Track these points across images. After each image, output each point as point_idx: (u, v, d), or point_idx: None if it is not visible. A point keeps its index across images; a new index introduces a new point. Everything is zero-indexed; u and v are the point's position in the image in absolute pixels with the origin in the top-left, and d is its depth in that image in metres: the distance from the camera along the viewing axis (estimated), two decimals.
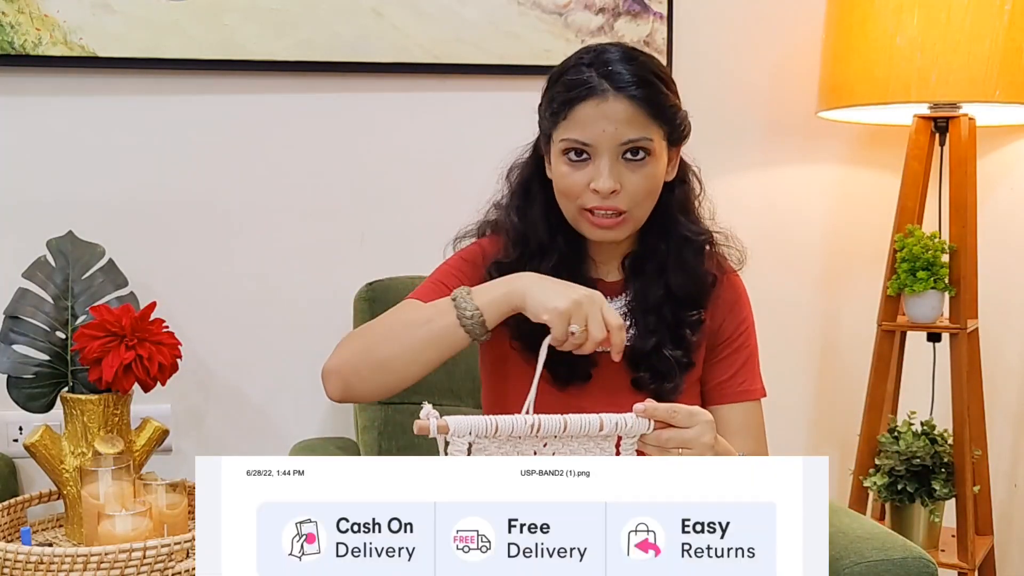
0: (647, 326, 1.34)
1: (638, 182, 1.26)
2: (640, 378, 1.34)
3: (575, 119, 1.25)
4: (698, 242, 1.36)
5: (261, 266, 1.93)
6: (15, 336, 1.65)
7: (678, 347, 1.34)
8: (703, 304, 1.37)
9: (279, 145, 1.92)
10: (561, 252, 1.34)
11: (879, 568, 1.30)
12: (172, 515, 1.54)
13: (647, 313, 1.35)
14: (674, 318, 1.35)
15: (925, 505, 1.92)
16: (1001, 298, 2.15)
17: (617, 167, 1.25)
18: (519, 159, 1.40)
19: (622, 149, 1.25)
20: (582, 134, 1.25)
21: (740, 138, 2.12)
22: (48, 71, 1.82)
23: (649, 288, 1.35)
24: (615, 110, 1.23)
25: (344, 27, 1.89)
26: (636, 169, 1.25)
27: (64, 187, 1.84)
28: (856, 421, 2.03)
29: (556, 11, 1.96)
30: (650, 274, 1.35)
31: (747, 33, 2.08)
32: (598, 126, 1.24)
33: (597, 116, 1.24)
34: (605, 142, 1.24)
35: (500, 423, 1.02)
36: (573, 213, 1.30)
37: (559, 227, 1.34)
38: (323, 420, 1.97)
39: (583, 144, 1.25)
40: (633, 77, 1.24)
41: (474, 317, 1.18)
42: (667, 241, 1.35)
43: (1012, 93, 1.79)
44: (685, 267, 1.34)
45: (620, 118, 1.23)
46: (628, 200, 1.26)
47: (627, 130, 1.24)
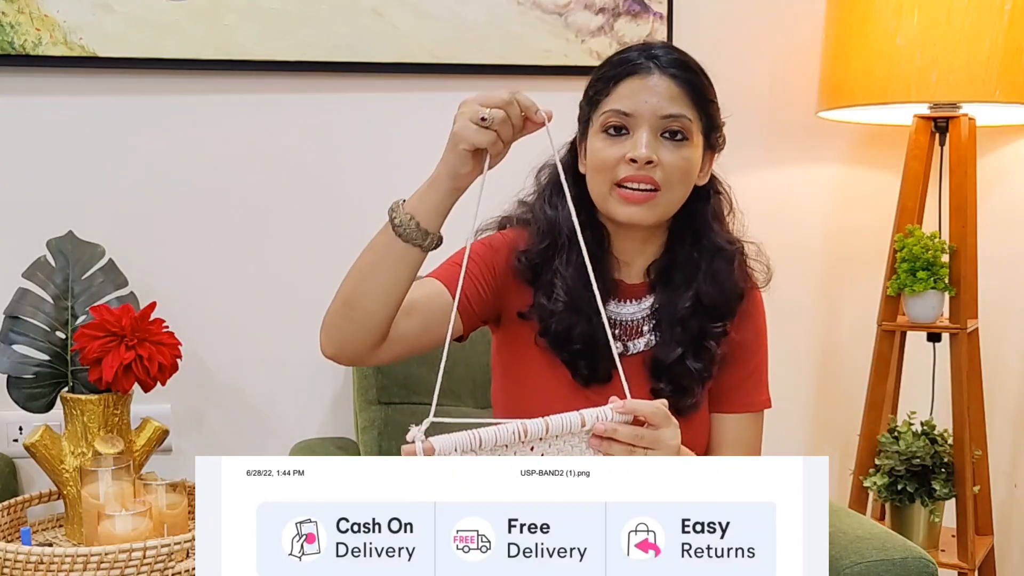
0: (672, 337, 1.33)
1: (674, 160, 1.25)
2: (659, 390, 1.32)
3: (618, 93, 1.26)
4: (730, 252, 1.35)
5: (261, 266, 1.93)
6: (15, 336, 1.65)
7: (699, 360, 1.33)
8: (730, 316, 1.35)
9: (279, 145, 1.92)
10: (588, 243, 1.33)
11: (879, 568, 1.30)
12: (172, 515, 1.54)
13: (673, 324, 1.33)
14: (699, 330, 1.33)
15: (925, 505, 1.92)
16: (1001, 298, 2.15)
17: (655, 141, 1.25)
18: (550, 159, 1.39)
19: (662, 125, 1.25)
20: (624, 104, 1.25)
21: (740, 138, 2.09)
22: (48, 71, 1.82)
23: (678, 298, 1.33)
24: (659, 84, 1.25)
25: (344, 27, 1.89)
26: (673, 149, 1.26)
27: (64, 187, 1.84)
28: (856, 421, 2.03)
29: (556, 11, 1.96)
30: (678, 284, 1.34)
31: (747, 33, 2.08)
32: (640, 97, 1.25)
33: (640, 88, 1.25)
34: (646, 113, 1.24)
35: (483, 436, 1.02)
36: (604, 189, 1.28)
37: (587, 223, 1.32)
38: (323, 420, 1.97)
39: (624, 114, 1.25)
40: (675, 61, 1.27)
41: (404, 221, 1.16)
42: (699, 250, 1.34)
43: (1012, 93, 1.79)
44: (716, 277, 1.33)
45: (663, 92, 1.25)
46: (662, 176, 1.25)
47: (668, 105, 1.25)
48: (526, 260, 1.34)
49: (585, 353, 1.31)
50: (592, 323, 1.30)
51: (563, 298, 1.31)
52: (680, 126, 1.26)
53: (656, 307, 1.35)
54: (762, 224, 2.15)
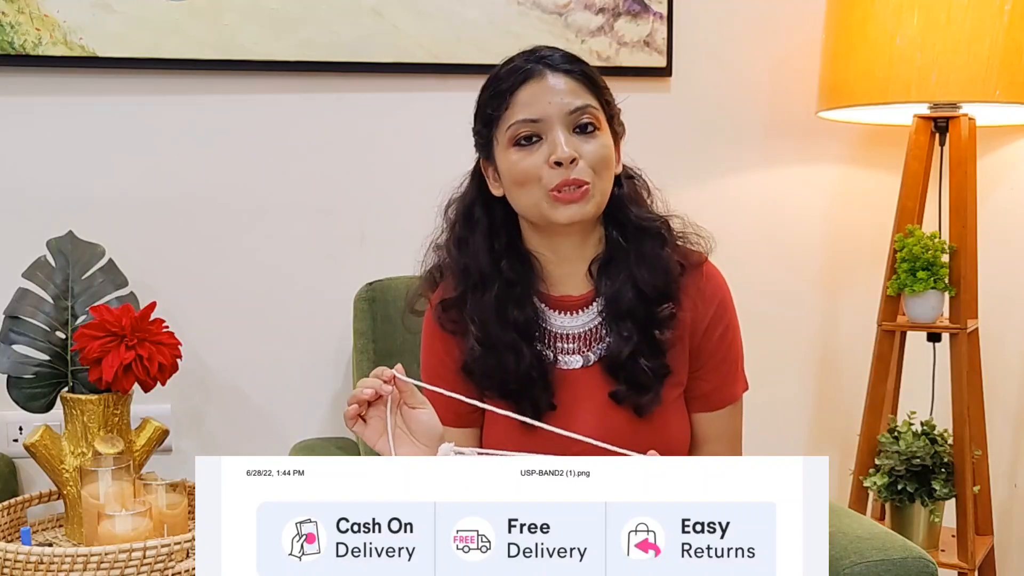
0: (622, 332, 1.31)
1: (593, 151, 1.25)
2: (618, 392, 1.31)
3: (518, 102, 1.25)
4: (653, 228, 1.33)
5: (261, 266, 1.93)
6: (15, 336, 1.65)
7: (654, 354, 1.31)
8: (673, 295, 1.32)
9: (279, 145, 1.92)
10: (505, 278, 1.31)
11: (879, 568, 1.30)
12: (172, 515, 1.54)
13: (621, 318, 1.31)
14: (647, 317, 1.31)
15: (925, 505, 1.92)
16: (1001, 298, 2.15)
17: (571, 138, 1.24)
18: (455, 193, 1.38)
19: (572, 120, 1.24)
20: (529, 112, 1.24)
21: (740, 138, 2.12)
22: (48, 71, 1.82)
23: (620, 291, 1.31)
24: (556, 83, 1.25)
25: (344, 27, 1.89)
26: (589, 140, 1.25)
27: (64, 187, 1.84)
28: (856, 421, 2.03)
29: (556, 11, 1.96)
30: (617, 276, 1.32)
31: (747, 33, 2.08)
32: (543, 99, 1.24)
33: (540, 91, 1.24)
34: (554, 113, 1.23)
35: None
36: (536, 199, 1.26)
37: (504, 252, 1.32)
38: (323, 420, 1.97)
39: (531, 121, 1.24)
40: (564, 57, 1.27)
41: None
42: (624, 236, 1.32)
43: (1012, 93, 1.79)
44: (647, 259, 1.31)
45: (563, 89, 1.24)
46: (587, 170, 1.24)
47: (573, 99, 1.24)
48: (446, 314, 1.34)
49: (521, 389, 1.30)
50: (517, 355, 1.30)
51: (480, 341, 1.31)
52: (590, 116, 1.25)
53: (603, 307, 1.33)
54: (762, 224, 2.17)
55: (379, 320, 1.76)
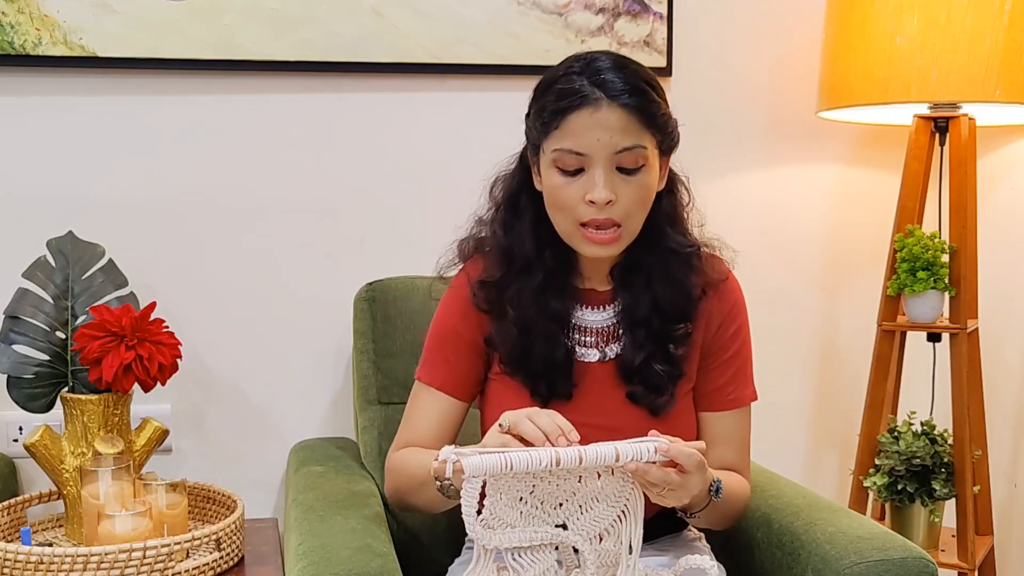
0: (636, 339, 1.33)
1: (632, 193, 1.24)
2: (634, 392, 1.33)
3: (568, 129, 1.22)
4: (685, 255, 1.34)
5: (261, 266, 1.93)
6: (15, 336, 1.65)
7: (667, 361, 1.33)
8: (690, 317, 1.35)
9: (279, 145, 1.92)
10: (548, 268, 1.32)
11: (879, 568, 1.30)
12: (172, 515, 1.54)
13: (636, 326, 1.33)
14: (662, 331, 1.33)
15: (925, 505, 1.92)
16: (1001, 298, 2.15)
17: (612, 178, 1.23)
18: (503, 171, 1.38)
19: (616, 159, 1.23)
20: (576, 143, 1.22)
21: (740, 138, 2.11)
22: (48, 71, 1.82)
23: (637, 300, 1.33)
24: (609, 118, 1.21)
25: (344, 27, 1.89)
26: (630, 180, 1.24)
27: (64, 187, 1.84)
28: (856, 421, 2.03)
29: (556, 11, 1.96)
30: (637, 286, 1.33)
31: (747, 33, 2.08)
32: (592, 135, 1.22)
33: (591, 125, 1.21)
34: (600, 151, 1.22)
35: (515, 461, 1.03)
36: (568, 227, 1.27)
37: (547, 241, 1.32)
38: (323, 420, 1.97)
39: (577, 154, 1.23)
40: (626, 85, 1.22)
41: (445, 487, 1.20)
42: (653, 252, 1.33)
43: (1012, 93, 1.79)
44: (672, 280, 1.33)
45: (614, 126, 1.21)
46: (622, 212, 1.24)
47: (621, 138, 1.22)
48: (482, 293, 1.35)
49: (544, 373, 1.32)
50: (549, 343, 1.32)
51: (518, 324, 1.33)
52: (634, 158, 1.23)
53: (620, 310, 1.35)
54: (762, 224, 2.17)
55: (379, 320, 1.76)
